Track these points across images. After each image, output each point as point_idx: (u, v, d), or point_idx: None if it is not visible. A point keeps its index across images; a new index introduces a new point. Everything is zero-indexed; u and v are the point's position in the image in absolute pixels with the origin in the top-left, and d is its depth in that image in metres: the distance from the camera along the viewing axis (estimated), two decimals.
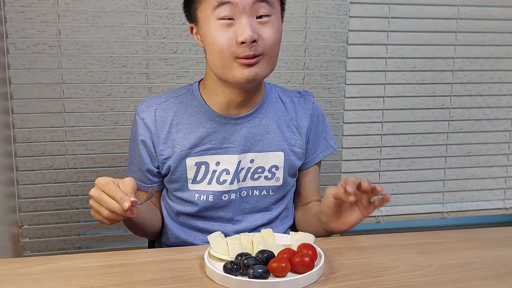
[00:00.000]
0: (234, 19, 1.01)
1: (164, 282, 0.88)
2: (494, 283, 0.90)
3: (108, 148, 1.71)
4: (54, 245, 1.73)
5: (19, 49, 1.59)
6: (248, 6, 1.01)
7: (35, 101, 1.63)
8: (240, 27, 1.00)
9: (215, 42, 1.02)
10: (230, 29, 1.01)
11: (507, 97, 1.98)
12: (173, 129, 1.14)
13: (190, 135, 1.13)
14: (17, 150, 1.65)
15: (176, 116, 1.14)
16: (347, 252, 1.01)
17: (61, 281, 0.88)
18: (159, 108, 1.15)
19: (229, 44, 1.01)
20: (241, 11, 1.01)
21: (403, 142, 1.94)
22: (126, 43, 1.66)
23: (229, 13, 1.01)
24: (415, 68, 1.89)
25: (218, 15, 1.01)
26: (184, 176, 1.14)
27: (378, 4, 1.81)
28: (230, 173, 1.14)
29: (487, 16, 1.90)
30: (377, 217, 1.95)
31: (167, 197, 1.21)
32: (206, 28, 1.04)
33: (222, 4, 1.00)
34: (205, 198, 1.15)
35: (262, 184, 1.17)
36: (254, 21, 1.02)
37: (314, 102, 1.25)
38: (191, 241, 1.18)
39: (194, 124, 1.14)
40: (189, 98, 1.16)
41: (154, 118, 1.14)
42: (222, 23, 1.01)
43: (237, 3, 1.00)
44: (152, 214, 1.19)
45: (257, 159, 1.16)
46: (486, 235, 1.11)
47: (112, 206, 0.91)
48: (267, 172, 1.17)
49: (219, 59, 1.03)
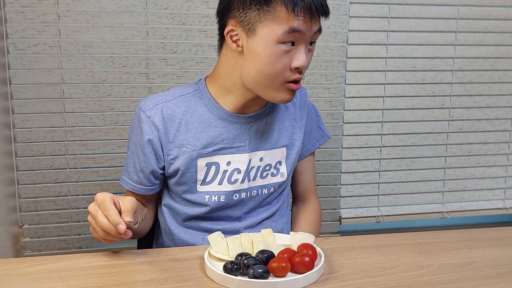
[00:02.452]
0: (295, 44, 1.01)
1: (164, 282, 0.88)
2: (494, 282, 0.90)
3: (108, 148, 1.71)
4: (54, 244, 1.73)
5: (19, 49, 1.59)
6: (310, 35, 1.02)
7: (35, 101, 1.63)
8: (298, 53, 1.01)
9: (270, 65, 1.01)
10: (288, 55, 1.01)
11: (507, 97, 1.98)
12: (182, 128, 1.11)
13: (201, 134, 1.11)
14: (18, 150, 1.65)
15: (185, 116, 1.11)
16: (347, 252, 1.01)
17: (61, 281, 0.88)
18: (166, 106, 1.11)
19: (284, 69, 1.02)
20: (304, 39, 1.01)
21: (403, 142, 1.94)
22: (126, 43, 1.66)
23: (294, 39, 1.00)
24: (415, 68, 1.89)
25: (285, 39, 0.99)
26: (194, 178, 1.12)
27: (378, 4, 1.81)
28: (241, 172, 1.14)
29: (487, 16, 1.90)
30: (377, 217, 1.96)
31: (172, 201, 1.18)
32: (263, 46, 1.00)
33: (293, 32, 0.99)
34: (217, 198, 1.14)
35: (270, 181, 1.18)
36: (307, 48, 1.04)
37: (307, 95, 1.27)
38: (199, 244, 1.16)
39: (205, 124, 1.11)
40: (197, 97, 1.13)
41: (162, 116, 1.10)
42: (284, 48, 1.00)
43: (305, 33, 1.00)
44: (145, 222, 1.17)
45: (266, 157, 1.16)
46: (486, 235, 1.12)
47: (105, 226, 0.89)
48: (273, 168, 1.18)
49: (267, 81, 1.03)
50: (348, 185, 1.92)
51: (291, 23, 0.98)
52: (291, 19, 0.98)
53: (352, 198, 1.94)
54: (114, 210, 0.89)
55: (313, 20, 1.00)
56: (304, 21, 0.99)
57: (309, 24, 1.00)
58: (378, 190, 1.95)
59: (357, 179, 1.93)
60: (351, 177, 1.92)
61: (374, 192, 1.95)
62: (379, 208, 1.97)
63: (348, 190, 1.93)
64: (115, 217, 0.88)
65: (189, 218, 1.16)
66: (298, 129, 1.22)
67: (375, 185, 1.95)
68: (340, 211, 1.93)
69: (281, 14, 0.98)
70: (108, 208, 0.89)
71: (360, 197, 1.95)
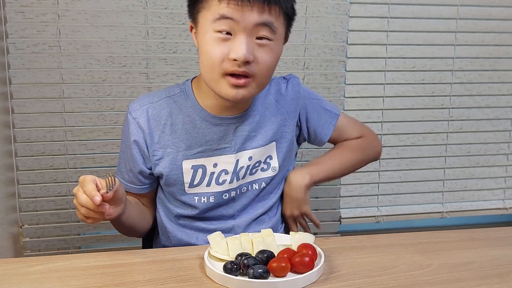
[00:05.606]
0: (232, 34, 0.99)
1: (164, 282, 0.88)
2: (493, 282, 0.90)
3: (108, 148, 1.71)
4: (54, 244, 1.73)
5: (19, 49, 1.59)
6: (249, 26, 0.98)
7: (35, 101, 1.63)
8: (236, 44, 0.98)
9: (208, 53, 1.00)
10: (226, 44, 0.99)
11: (506, 97, 1.98)
12: (167, 129, 1.12)
13: (186, 136, 1.11)
14: (17, 150, 1.65)
15: (171, 117, 1.12)
16: (347, 252, 1.01)
17: (61, 281, 0.88)
18: (152, 107, 1.12)
19: (222, 59, 0.99)
20: (241, 29, 0.98)
21: (403, 142, 1.94)
22: (125, 43, 1.65)
23: (228, 28, 0.98)
24: (415, 68, 1.89)
25: (216, 28, 0.99)
26: (180, 180, 1.13)
27: (378, 4, 1.81)
28: (229, 173, 1.14)
29: (487, 16, 1.90)
30: (377, 217, 1.96)
31: (166, 200, 1.19)
32: (203, 36, 1.02)
33: (223, 18, 0.98)
34: (206, 200, 1.14)
35: (260, 176, 1.17)
36: (252, 42, 1.00)
37: (300, 83, 1.24)
38: (193, 242, 1.17)
39: (189, 125, 1.12)
40: (183, 98, 1.13)
41: (147, 117, 1.11)
42: (219, 36, 0.99)
43: (238, 21, 0.97)
44: (142, 215, 1.18)
45: (255, 155, 1.15)
46: (486, 235, 1.12)
47: (83, 201, 0.90)
48: (263, 164, 1.17)
49: (209, 71, 1.02)
50: (348, 185, 1.92)
51: (220, 9, 0.98)
52: (221, 6, 0.98)
53: (352, 198, 1.94)
54: (92, 185, 0.90)
55: (246, 7, 0.97)
56: (235, 8, 0.97)
57: (241, 12, 0.97)
58: (378, 190, 1.95)
59: (356, 179, 1.93)
60: (351, 177, 1.92)
61: (373, 192, 1.95)
62: (378, 208, 1.97)
63: (347, 190, 1.93)
64: (91, 190, 0.89)
65: (182, 217, 1.18)
66: (290, 120, 1.20)
67: (375, 185, 1.95)
68: (340, 211, 1.93)
69: (213, 2, 0.99)
70: (87, 184, 0.91)
71: (359, 197, 1.95)
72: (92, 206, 0.90)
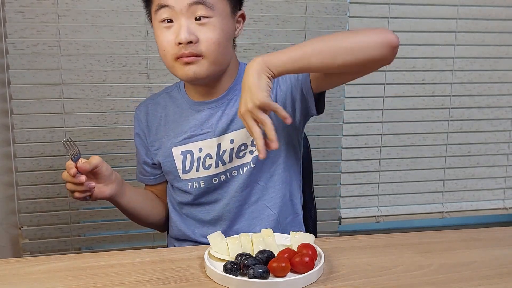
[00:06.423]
0: (173, 21, 1.06)
1: (164, 282, 0.88)
2: (493, 282, 0.90)
3: (108, 148, 1.71)
4: (54, 246, 1.73)
5: (18, 49, 1.59)
6: (184, 8, 1.04)
7: (35, 102, 1.63)
8: (177, 29, 1.05)
9: (160, 43, 1.09)
10: (170, 31, 1.06)
11: (506, 97, 1.98)
12: (162, 121, 1.21)
13: (174, 124, 1.19)
14: (17, 151, 1.65)
15: (165, 109, 1.21)
16: (347, 252, 1.01)
17: (61, 281, 0.88)
18: (151, 102, 1.24)
19: (171, 45, 1.06)
20: (178, 14, 1.05)
21: (403, 142, 1.94)
22: (125, 43, 1.65)
23: (169, 16, 1.06)
24: (415, 68, 1.89)
25: (159, 18, 1.07)
26: (174, 167, 1.19)
27: (378, 4, 1.81)
28: (213, 157, 1.16)
29: (487, 16, 1.90)
30: (377, 217, 1.95)
31: (170, 189, 1.25)
32: (154, 30, 1.10)
33: (162, 8, 1.05)
34: (197, 185, 1.18)
35: (248, 160, 1.16)
36: (193, 23, 1.05)
37: None
38: (189, 235, 1.20)
39: (179, 114, 1.19)
40: (176, 91, 1.23)
41: (146, 111, 1.24)
42: (163, 25, 1.07)
43: (174, 6, 1.04)
44: (150, 204, 1.24)
45: (237, 138, 1.15)
46: (486, 235, 1.11)
47: (64, 176, 1.04)
48: (251, 146, 1.16)
49: (165, 59, 1.10)
50: (348, 185, 1.92)
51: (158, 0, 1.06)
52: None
53: (352, 198, 1.94)
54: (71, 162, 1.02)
55: None
56: None
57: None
58: (378, 190, 1.95)
59: (357, 179, 1.93)
60: (351, 177, 1.92)
61: (374, 192, 1.95)
62: (379, 208, 1.97)
63: (348, 190, 1.93)
64: (68, 163, 1.03)
65: (182, 205, 1.22)
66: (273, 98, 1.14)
67: (375, 185, 1.95)
68: (340, 211, 1.93)
69: None
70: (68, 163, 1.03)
71: (360, 197, 1.95)
72: (69, 177, 1.03)
